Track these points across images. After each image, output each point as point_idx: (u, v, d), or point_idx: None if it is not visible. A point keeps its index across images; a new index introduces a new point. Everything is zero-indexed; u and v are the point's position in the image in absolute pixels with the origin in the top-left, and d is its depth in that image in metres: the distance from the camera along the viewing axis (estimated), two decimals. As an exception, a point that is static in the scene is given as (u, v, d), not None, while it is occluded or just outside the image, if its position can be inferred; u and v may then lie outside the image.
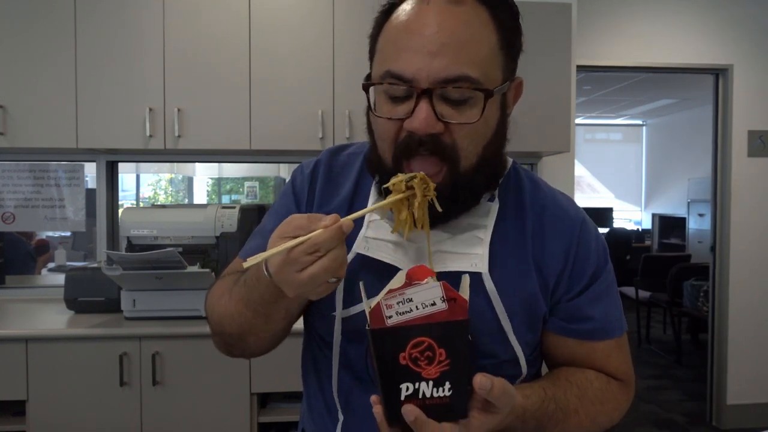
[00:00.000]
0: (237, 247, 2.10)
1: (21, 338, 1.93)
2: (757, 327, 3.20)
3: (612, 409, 0.78)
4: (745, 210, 3.18)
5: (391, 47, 0.66)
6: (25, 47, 2.17)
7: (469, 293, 0.62)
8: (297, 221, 0.60)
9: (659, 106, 6.65)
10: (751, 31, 3.14)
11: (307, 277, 0.59)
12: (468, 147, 0.67)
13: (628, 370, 0.81)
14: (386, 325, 0.58)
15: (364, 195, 0.78)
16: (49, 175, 2.60)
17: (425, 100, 0.63)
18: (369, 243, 0.73)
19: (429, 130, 0.64)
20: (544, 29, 2.39)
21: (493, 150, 0.71)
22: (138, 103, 2.21)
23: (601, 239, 0.79)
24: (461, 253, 0.72)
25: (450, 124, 0.65)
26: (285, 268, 0.59)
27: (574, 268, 0.75)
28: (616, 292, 0.80)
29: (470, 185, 0.69)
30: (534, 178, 0.82)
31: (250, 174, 6.23)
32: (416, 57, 0.63)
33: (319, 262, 0.58)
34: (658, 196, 7.63)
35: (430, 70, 0.63)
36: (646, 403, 3.59)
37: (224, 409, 1.98)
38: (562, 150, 2.46)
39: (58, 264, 3.12)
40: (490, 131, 0.69)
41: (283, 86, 2.27)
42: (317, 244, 0.58)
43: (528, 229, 0.75)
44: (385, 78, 0.66)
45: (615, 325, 0.78)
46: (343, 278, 0.64)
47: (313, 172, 0.83)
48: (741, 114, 3.16)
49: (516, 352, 0.72)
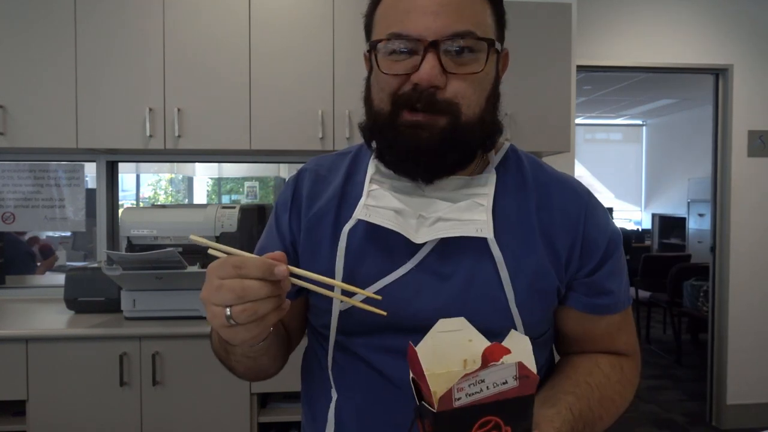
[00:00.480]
0: (237, 247, 2.09)
1: (21, 338, 1.93)
2: (757, 327, 3.20)
3: (629, 394, 0.80)
4: (745, 210, 3.18)
5: (393, 12, 0.69)
6: (25, 47, 2.17)
7: (533, 358, 0.58)
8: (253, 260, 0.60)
9: (659, 106, 6.65)
10: (751, 31, 3.14)
11: (215, 285, 0.58)
12: (471, 97, 0.69)
13: (635, 342, 0.84)
14: (453, 407, 0.53)
15: (356, 190, 0.78)
16: (49, 175, 2.60)
17: (432, 52, 0.66)
18: (370, 210, 0.73)
19: (434, 82, 0.66)
20: (544, 29, 2.39)
21: (492, 105, 0.73)
22: (138, 103, 2.21)
23: (607, 213, 0.80)
24: (464, 220, 0.71)
25: (453, 75, 0.67)
26: (215, 269, 0.59)
27: (585, 242, 0.75)
28: (625, 263, 0.81)
29: (470, 137, 0.70)
30: (534, 158, 0.82)
31: (250, 174, 6.23)
32: (420, 17, 0.66)
33: (234, 280, 0.57)
34: (658, 196, 7.63)
35: (436, 28, 0.66)
36: (646, 403, 3.59)
37: (224, 409, 1.99)
38: (562, 150, 2.46)
39: (58, 264, 3.12)
40: (489, 84, 0.72)
41: (283, 86, 2.27)
42: (244, 262, 0.57)
43: (532, 204, 0.75)
44: (390, 39, 0.68)
45: (627, 296, 0.80)
46: (257, 340, 0.63)
47: (297, 178, 0.83)
48: (741, 114, 3.16)
49: (515, 324, 0.71)
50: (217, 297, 0.58)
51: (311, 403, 0.83)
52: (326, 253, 0.75)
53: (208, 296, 0.59)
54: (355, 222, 0.74)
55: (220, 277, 0.58)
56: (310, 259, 0.77)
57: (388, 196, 0.74)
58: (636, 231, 7.51)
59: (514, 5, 2.38)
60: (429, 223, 0.72)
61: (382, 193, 0.75)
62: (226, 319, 0.58)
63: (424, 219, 0.72)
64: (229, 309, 0.57)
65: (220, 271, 0.58)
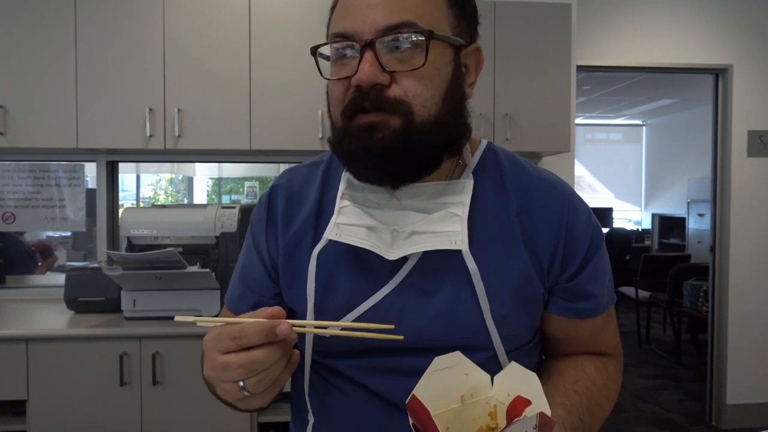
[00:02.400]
0: (237, 247, 2.10)
1: (21, 338, 1.93)
2: (757, 327, 3.20)
3: (614, 395, 0.78)
4: (745, 210, 3.18)
5: (337, 13, 0.67)
6: (25, 47, 2.17)
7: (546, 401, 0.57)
8: (246, 325, 0.56)
9: (659, 106, 6.65)
10: (751, 31, 3.14)
11: (221, 363, 0.56)
12: (423, 95, 0.64)
13: (618, 341, 0.83)
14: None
15: (331, 198, 0.75)
16: (50, 175, 2.60)
17: (369, 51, 0.63)
18: (341, 229, 0.70)
19: (373, 80, 0.62)
20: (544, 29, 2.39)
21: (453, 105, 0.67)
22: (138, 103, 2.21)
23: (590, 212, 0.76)
24: (437, 232, 0.68)
25: (396, 73, 0.63)
26: (212, 343, 0.57)
27: (567, 245, 0.72)
28: (609, 264, 0.79)
29: (427, 138, 0.65)
30: (513, 157, 0.78)
31: (250, 174, 6.23)
32: (357, 12, 0.64)
33: (237, 354, 0.55)
34: (658, 196, 7.63)
35: (372, 22, 0.63)
36: (646, 403, 3.59)
37: (224, 409, 1.98)
38: (562, 150, 2.46)
39: (58, 264, 3.12)
40: (444, 82, 0.66)
41: (283, 86, 2.27)
42: (243, 330, 0.55)
43: (512, 209, 0.72)
44: (330, 40, 0.66)
45: (610, 297, 0.78)
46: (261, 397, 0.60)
47: (269, 198, 0.79)
48: (741, 114, 3.16)
49: (491, 337, 0.69)
50: (227, 375, 0.56)
51: (294, 423, 0.81)
52: (306, 282, 0.72)
53: (216, 375, 0.58)
54: (326, 243, 0.71)
55: (221, 351, 0.56)
56: (291, 284, 0.74)
57: (359, 212, 0.71)
58: (636, 231, 7.50)
59: (514, 5, 2.38)
60: (403, 237, 0.69)
61: (353, 209, 0.71)
62: (240, 391, 0.57)
63: (397, 233, 0.69)
64: (242, 382, 0.56)
65: (219, 345, 0.56)
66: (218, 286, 2.04)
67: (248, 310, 0.68)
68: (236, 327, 0.55)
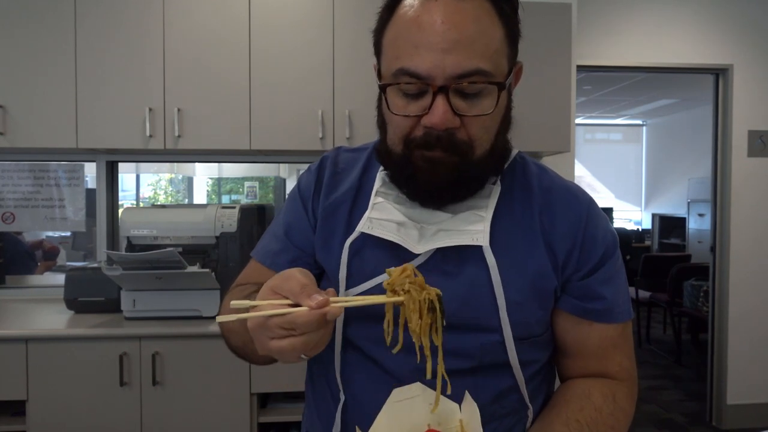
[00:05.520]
0: (237, 247, 2.10)
1: (21, 338, 1.93)
2: (757, 327, 3.20)
3: (623, 425, 0.77)
4: (745, 210, 3.18)
5: (402, 43, 0.67)
6: (25, 47, 2.17)
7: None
8: (291, 285, 0.58)
9: (659, 106, 6.65)
10: (751, 31, 3.14)
11: (276, 348, 0.58)
12: (483, 137, 0.70)
13: (631, 366, 0.81)
14: None
15: (370, 184, 0.81)
16: (49, 175, 2.60)
17: (442, 96, 0.65)
18: (373, 223, 0.76)
19: (447, 125, 0.66)
20: (544, 29, 2.39)
21: (504, 134, 0.74)
22: (138, 103, 2.21)
23: (609, 222, 0.80)
24: (462, 230, 0.73)
25: (465, 117, 0.67)
26: (259, 330, 0.58)
27: (584, 246, 0.76)
28: (626, 278, 0.81)
29: (482, 171, 0.72)
30: (541, 165, 0.84)
31: (250, 174, 6.23)
32: (430, 54, 0.64)
33: (289, 340, 0.57)
34: (658, 196, 7.63)
35: (445, 67, 0.64)
36: (646, 403, 3.59)
37: (224, 409, 1.99)
38: (562, 150, 2.46)
39: (58, 264, 3.12)
40: (501, 118, 0.72)
41: (283, 86, 2.27)
42: (294, 323, 0.56)
43: (535, 207, 0.77)
44: (398, 75, 0.67)
45: (624, 308, 0.79)
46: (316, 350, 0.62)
47: (319, 167, 0.86)
48: (741, 114, 3.16)
49: (503, 332, 0.72)
50: (284, 358, 0.59)
51: (317, 403, 0.82)
52: (336, 248, 0.78)
53: (271, 355, 0.60)
54: (358, 234, 0.76)
55: (271, 338, 0.58)
56: (323, 245, 0.80)
57: (391, 208, 0.76)
58: (636, 231, 7.50)
59: (514, 5, 2.38)
60: (430, 234, 0.73)
61: (385, 206, 0.77)
62: (300, 358, 0.61)
63: (425, 230, 0.74)
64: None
65: (269, 333, 0.58)
66: (218, 286, 2.04)
67: (286, 264, 0.79)
68: (285, 319, 0.56)
